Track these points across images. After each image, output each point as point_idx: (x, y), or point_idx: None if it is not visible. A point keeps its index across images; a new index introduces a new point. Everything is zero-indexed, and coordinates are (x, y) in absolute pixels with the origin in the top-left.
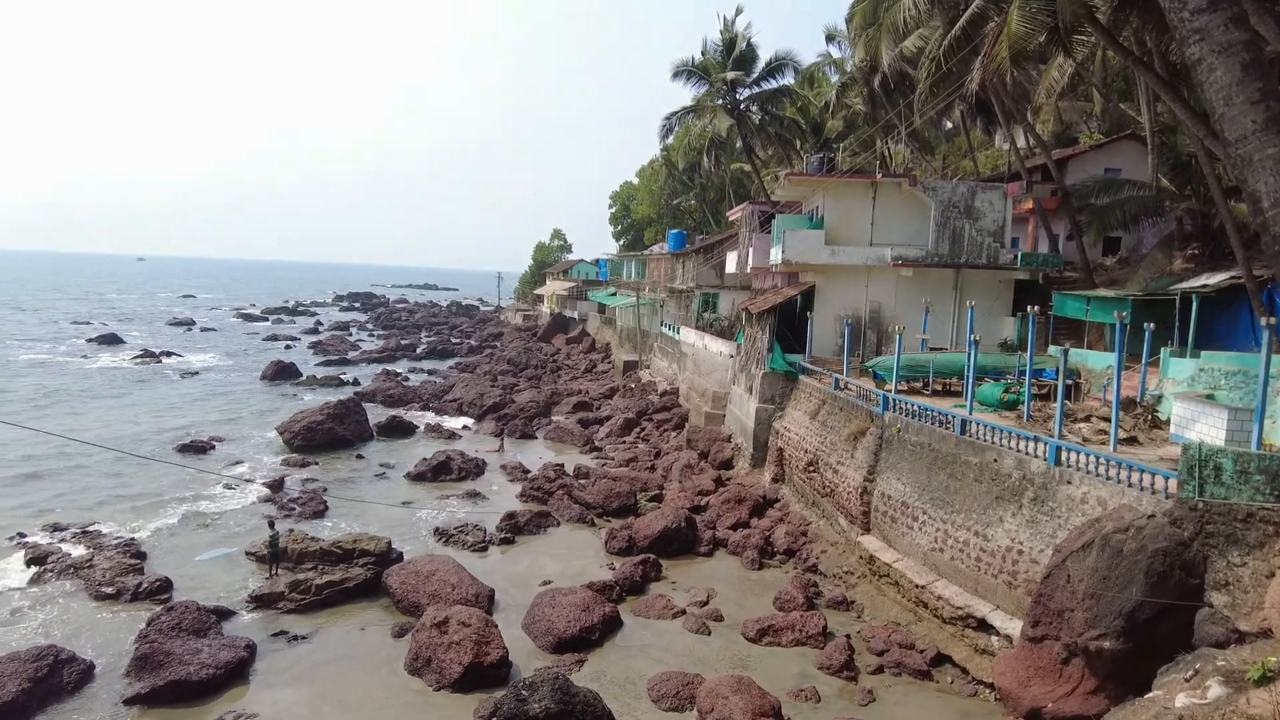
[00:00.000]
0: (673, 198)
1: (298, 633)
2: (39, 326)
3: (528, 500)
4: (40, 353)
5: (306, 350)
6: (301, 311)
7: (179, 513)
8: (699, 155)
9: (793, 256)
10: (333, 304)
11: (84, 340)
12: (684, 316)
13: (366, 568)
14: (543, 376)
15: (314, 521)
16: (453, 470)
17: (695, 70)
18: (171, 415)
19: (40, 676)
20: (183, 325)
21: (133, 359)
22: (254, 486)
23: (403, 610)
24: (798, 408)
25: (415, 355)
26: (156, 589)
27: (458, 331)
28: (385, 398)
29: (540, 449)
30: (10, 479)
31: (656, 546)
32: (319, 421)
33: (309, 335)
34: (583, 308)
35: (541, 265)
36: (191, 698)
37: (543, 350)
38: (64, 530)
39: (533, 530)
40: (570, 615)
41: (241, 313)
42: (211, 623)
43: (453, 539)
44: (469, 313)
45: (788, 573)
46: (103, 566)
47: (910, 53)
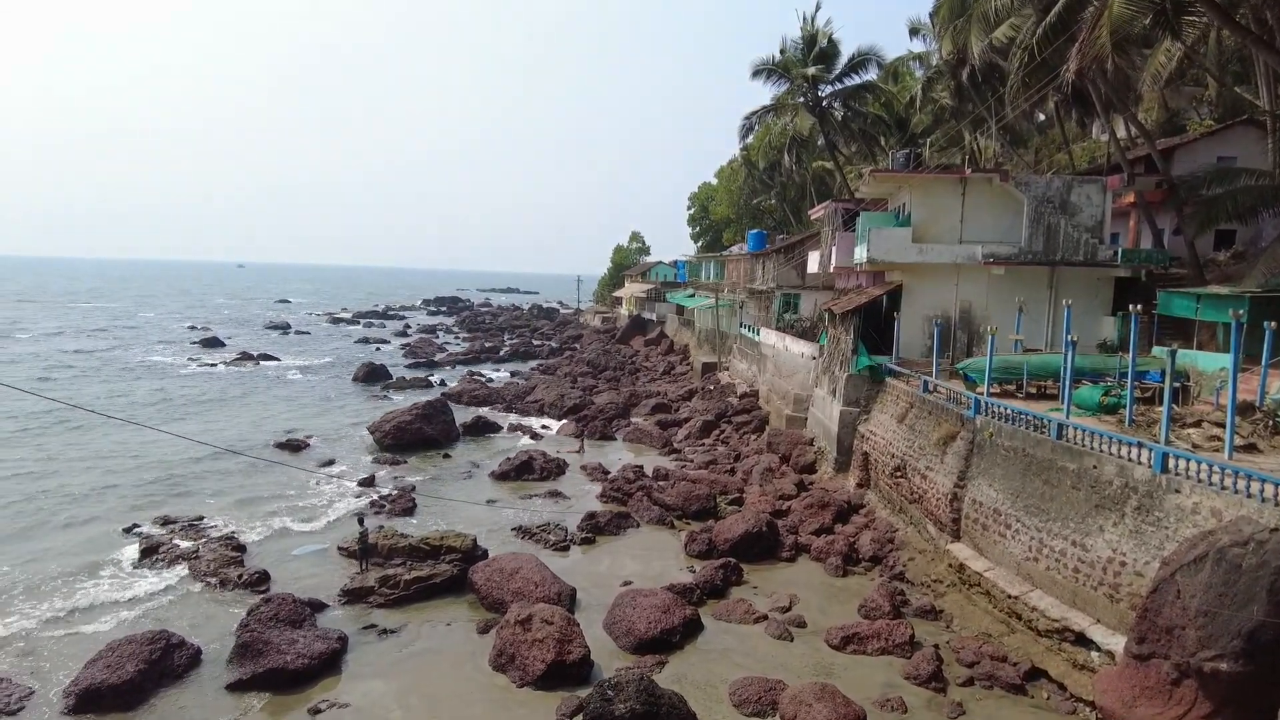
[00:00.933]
0: (752, 197)
1: (387, 627)
2: (154, 330)
3: (607, 501)
4: (156, 354)
5: (396, 352)
6: (391, 315)
7: (276, 508)
8: (779, 154)
9: (878, 255)
10: (421, 308)
11: (189, 343)
12: (764, 318)
13: (453, 564)
14: (621, 378)
15: (403, 518)
16: (535, 470)
17: (775, 69)
18: (268, 415)
19: (154, 659)
20: (279, 329)
21: (232, 361)
22: (346, 484)
23: (487, 607)
24: (884, 411)
25: (498, 357)
26: (256, 580)
27: (539, 334)
28: (470, 398)
29: (619, 450)
30: (125, 474)
31: (737, 550)
32: (408, 421)
33: (398, 338)
34: (661, 309)
35: (620, 268)
36: (288, 686)
37: (621, 352)
38: (173, 523)
39: (613, 531)
40: (651, 617)
41: (334, 317)
42: (306, 615)
43: (535, 537)
44: (549, 315)
45: (873, 580)
46: (207, 558)
47: (1001, 43)
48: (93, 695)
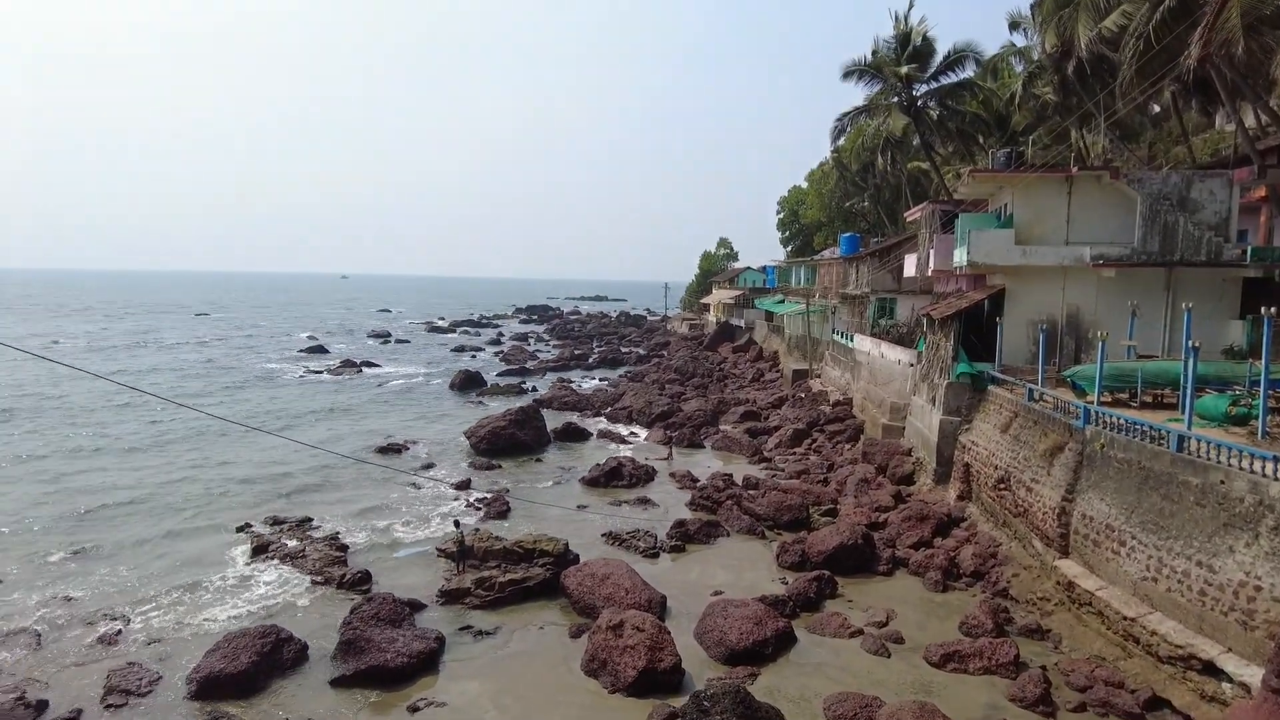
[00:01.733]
0: (844, 200)
1: (482, 628)
2: (266, 339)
3: (697, 509)
4: (269, 362)
5: (490, 360)
6: (485, 324)
7: (377, 510)
8: (873, 155)
9: (979, 258)
10: (513, 316)
11: (297, 352)
12: (858, 323)
13: (545, 568)
14: (709, 385)
15: (497, 521)
16: (624, 477)
17: (867, 69)
18: (370, 420)
19: (266, 651)
20: (380, 337)
21: (336, 369)
22: (444, 487)
23: (579, 611)
24: (986, 420)
25: (587, 364)
26: (358, 580)
27: (626, 341)
28: (560, 405)
29: (708, 458)
30: (238, 477)
31: (831, 563)
32: (502, 427)
33: (492, 346)
34: (749, 316)
35: (707, 274)
36: (388, 683)
37: (709, 359)
38: (282, 523)
39: (702, 539)
40: (743, 627)
41: (432, 325)
42: (405, 614)
43: (625, 544)
44: (637, 323)
45: (974, 596)
46: (313, 557)
47: (1111, 32)
48: (212, 682)
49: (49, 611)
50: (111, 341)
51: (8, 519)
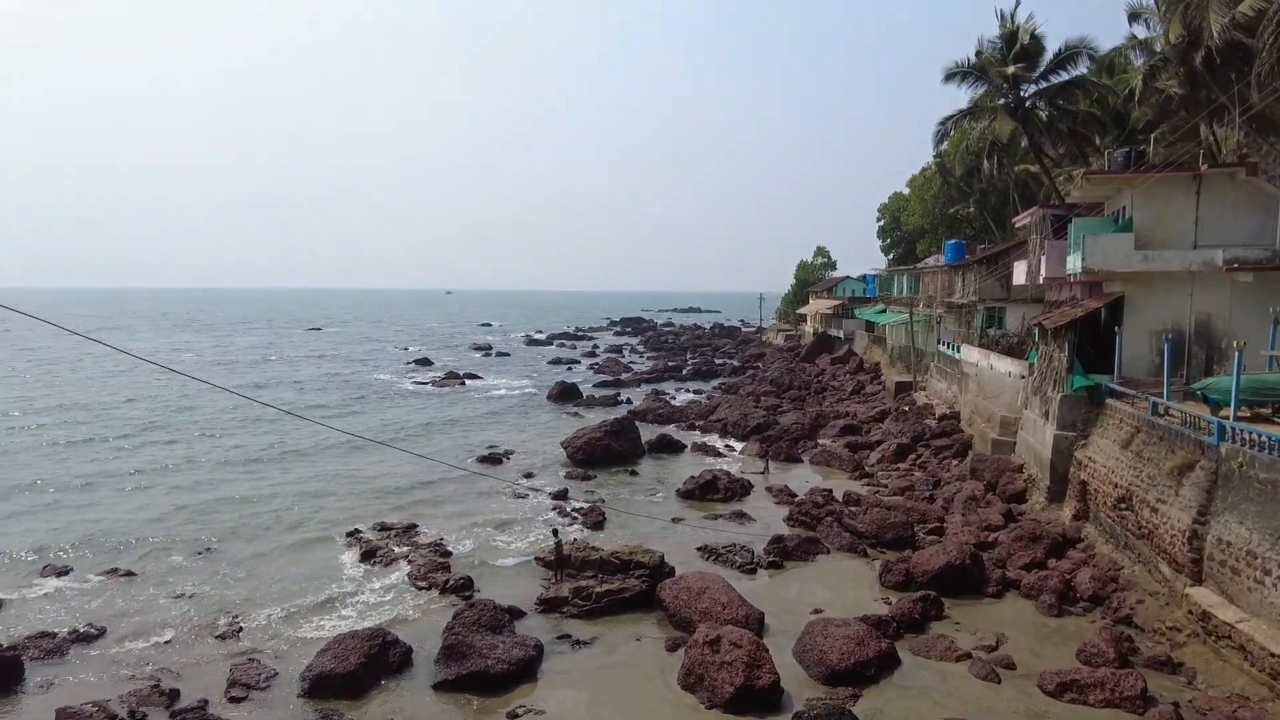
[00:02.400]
0: (948, 206)
1: (580, 637)
2: (376, 353)
3: (795, 525)
4: (380, 373)
5: (586, 372)
6: (581, 336)
7: (479, 517)
8: (978, 159)
9: (1095, 264)
10: (608, 329)
11: (404, 364)
12: (964, 333)
13: (641, 580)
14: (807, 398)
15: (593, 531)
16: (719, 490)
17: (970, 71)
18: (472, 430)
19: (373, 654)
20: (482, 350)
21: (440, 380)
22: (542, 496)
23: (675, 625)
24: (1105, 436)
25: (681, 376)
26: (460, 586)
27: (720, 353)
28: (655, 417)
29: (806, 472)
30: (350, 484)
31: (937, 583)
32: (598, 438)
33: (588, 358)
34: (849, 326)
35: (804, 284)
36: (488, 689)
37: (806, 371)
38: (389, 530)
39: (801, 556)
40: (844, 647)
41: (530, 338)
42: (505, 621)
43: (721, 558)
44: (731, 334)
45: (1093, 622)
46: (418, 563)
47: (1246, 17)
48: (323, 681)
49: (179, 608)
50: (236, 356)
51: (147, 522)
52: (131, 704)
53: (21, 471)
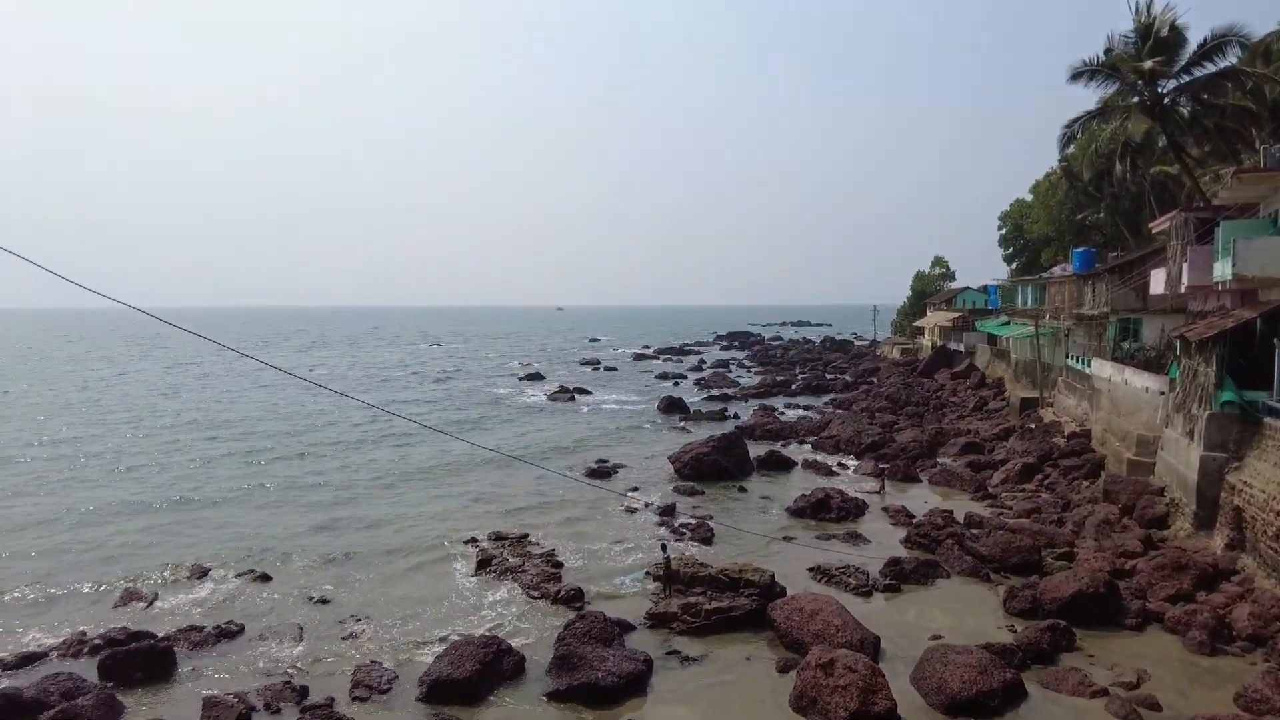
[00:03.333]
0: (1076, 212)
1: (689, 654)
2: (492, 368)
3: (912, 546)
4: (496, 388)
5: (692, 387)
6: (688, 351)
7: (588, 529)
8: (1108, 162)
9: (1248, 270)
10: (714, 343)
11: (517, 379)
12: (1096, 347)
13: (751, 598)
14: (925, 414)
15: (702, 547)
16: (831, 509)
17: (1100, 69)
18: (582, 444)
19: (488, 661)
20: (591, 365)
21: (551, 395)
22: (650, 511)
23: (786, 645)
24: (1263, 458)
25: (790, 391)
26: (571, 597)
27: (832, 367)
28: (763, 432)
29: (924, 492)
30: (468, 494)
31: (1068, 612)
32: (705, 453)
33: (694, 373)
34: (969, 339)
35: (921, 295)
36: (598, 701)
37: (924, 386)
38: (504, 539)
39: (919, 579)
40: (965, 675)
41: (637, 354)
42: (615, 634)
43: (834, 579)
44: (843, 348)
45: (1253, 664)
46: (531, 572)
47: None
48: (440, 686)
49: (309, 610)
50: (368, 371)
51: (283, 529)
52: (267, 697)
53: (172, 474)
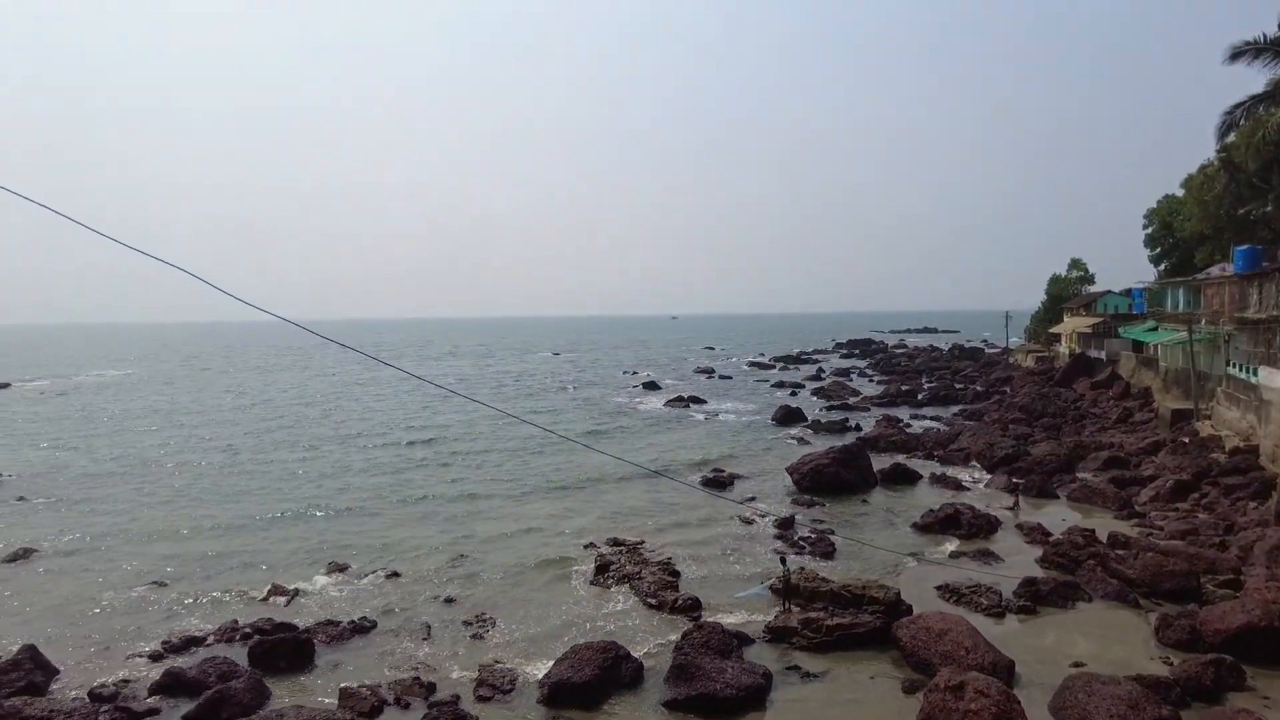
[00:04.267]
0: (1236, 207)
1: (809, 670)
2: (609, 377)
3: (1050, 567)
4: (613, 396)
5: (810, 396)
6: (805, 360)
7: (704, 539)
8: (1279, 150)
9: None
10: (833, 351)
11: (633, 387)
12: (1264, 354)
13: (875, 615)
14: (1063, 426)
15: (822, 562)
16: (961, 524)
17: (1267, 47)
18: (698, 453)
19: (607, 666)
20: (706, 373)
21: (667, 403)
22: (767, 522)
23: (912, 666)
24: None
25: (916, 401)
26: (689, 606)
27: (960, 376)
28: (887, 444)
29: (1062, 509)
30: (587, 500)
31: (1234, 646)
32: (825, 465)
33: (812, 382)
34: (1111, 346)
35: (1057, 300)
36: (716, 713)
37: (1061, 396)
38: (621, 545)
39: (1057, 602)
40: (1112, 709)
41: (753, 362)
42: (734, 646)
43: (963, 599)
44: (972, 356)
45: None
46: (648, 580)
47: None
48: (560, 689)
49: (437, 609)
50: (495, 379)
51: (417, 531)
52: (397, 691)
53: (314, 479)
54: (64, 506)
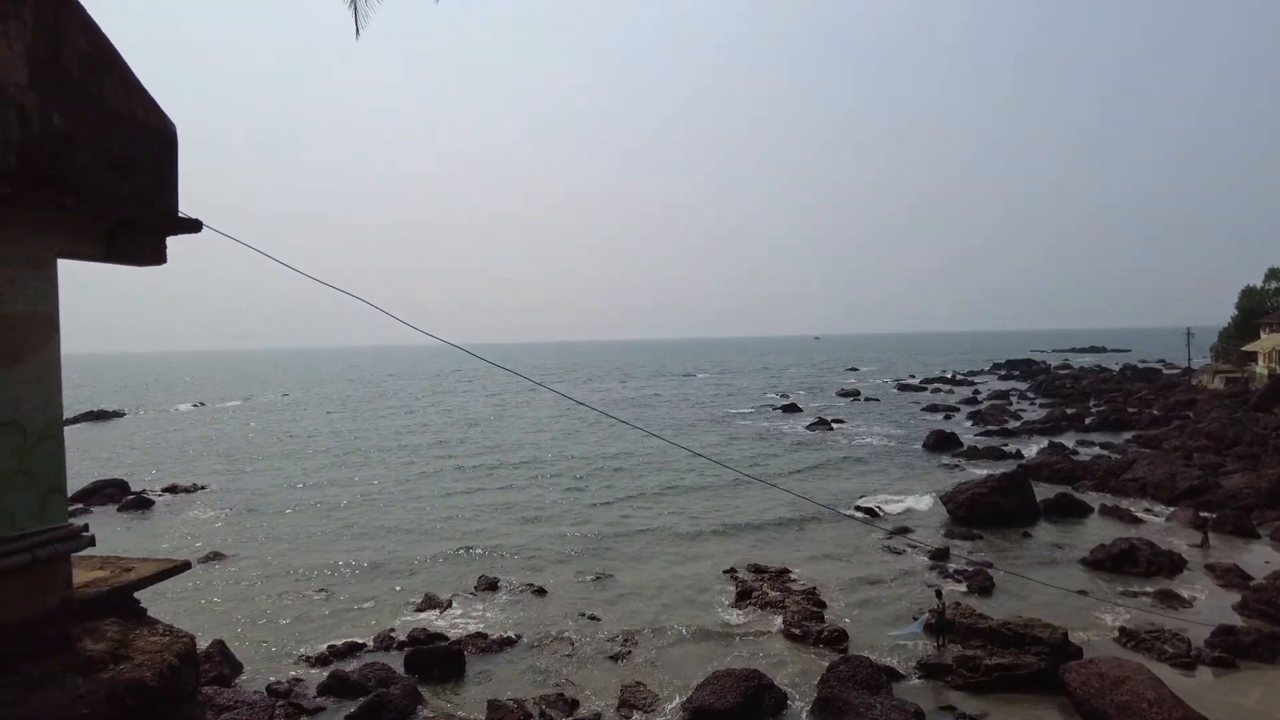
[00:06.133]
0: None
1: (966, 711)
2: (746, 399)
3: (1251, 615)
4: (750, 419)
5: (965, 420)
6: (959, 381)
7: (852, 567)
8: None
9: None
10: (990, 372)
11: (772, 409)
12: None
13: (1039, 657)
14: (1261, 456)
15: (979, 597)
16: (1138, 562)
17: None
18: (841, 478)
19: (749, 694)
20: (849, 396)
21: (808, 426)
22: (919, 553)
23: (1083, 714)
24: None
25: (1083, 427)
26: (835, 637)
27: (1134, 399)
28: (1051, 473)
29: (1265, 550)
30: (730, 522)
31: None
32: (982, 494)
33: (967, 405)
34: None
35: (1251, 314)
36: None
37: (1259, 422)
38: (763, 571)
39: (1263, 656)
40: None
41: (901, 383)
42: (883, 681)
43: (1143, 644)
44: (1147, 377)
45: None
46: (792, 609)
47: None
48: (702, 714)
49: (580, 627)
50: (633, 402)
51: (561, 549)
52: (541, 707)
53: (470, 495)
54: (248, 515)
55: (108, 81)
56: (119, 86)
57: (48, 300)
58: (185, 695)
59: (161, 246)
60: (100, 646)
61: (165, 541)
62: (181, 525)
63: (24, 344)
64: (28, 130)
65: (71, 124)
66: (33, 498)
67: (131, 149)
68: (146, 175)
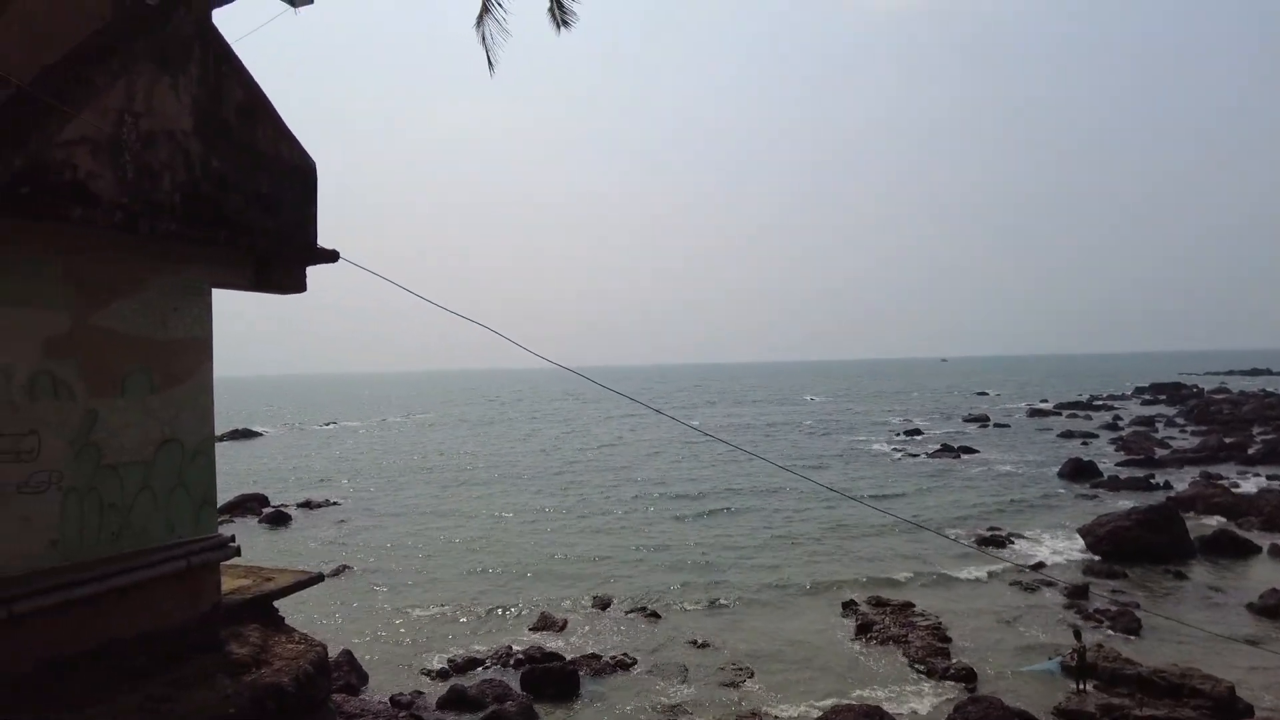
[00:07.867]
0: None
1: None
2: (866, 423)
3: None
4: (872, 444)
5: (1105, 447)
6: (1098, 406)
7: (980, 602)
8: None
9: None
10: (1132, 397)
11: (895, 434)
12: None
13: (1199, 712)
14: None
15: (1125, 639)
16: None
17: None
18: (968, 508)
19: None
20: (977, 421)
21: (933, 453)
22: (1054, 590)
23: None
24: None
25: (1246, 457)
26: (962, 675)
27: None
28: (1208, 507)
29: None
30: (846, 554)
31: None
32: (1126, 528)
33: (1107, 431)
34: None
35: None
36: None
37: None
38: (885, 605)
39: None
40: None
41: (1033, 409)
42: None
43: None
44: None
45: None
46: (915, 644)
47: None
48: None
49: (693, 653)
50: (750, 428)
51: (676, 576)
52: None
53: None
54: (376, 531)
55: (259, 127)
56: (269, 130)
57: (204, 327)
58: (318, 702)
59: (302, 276)
60: (244, 650)
61: (300, 554)
62: (314, 538)
63: (184, 367)
64: (191, 173)
65: (227, 166)
66: (189, 509)
67: (277, 187)
68: (290, 210)
